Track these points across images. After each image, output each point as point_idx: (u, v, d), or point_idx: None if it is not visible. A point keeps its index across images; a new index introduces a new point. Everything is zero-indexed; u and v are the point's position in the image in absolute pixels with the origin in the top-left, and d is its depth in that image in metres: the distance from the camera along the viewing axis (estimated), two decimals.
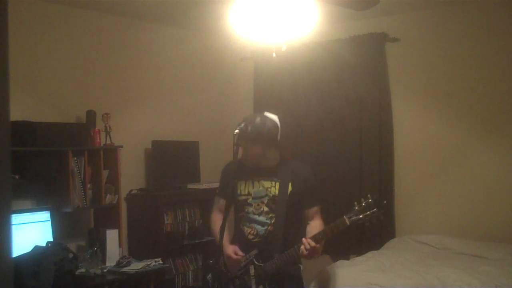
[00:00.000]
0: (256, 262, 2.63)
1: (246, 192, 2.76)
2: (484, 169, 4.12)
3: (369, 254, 3.85)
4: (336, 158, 4.68)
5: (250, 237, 2.73)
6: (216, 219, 2.87)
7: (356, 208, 2.44)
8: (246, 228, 2.75)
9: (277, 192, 2.71)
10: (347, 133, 4.64)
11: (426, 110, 4.39)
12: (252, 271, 2.62)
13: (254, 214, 2.73)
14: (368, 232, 4.38)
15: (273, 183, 2.73)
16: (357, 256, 3.93)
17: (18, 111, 3.56)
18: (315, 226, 2.73)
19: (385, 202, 2.38)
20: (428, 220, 4.34)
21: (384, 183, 4.49)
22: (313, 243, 2.50)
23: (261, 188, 2.73)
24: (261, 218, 2.72)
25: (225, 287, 2.72)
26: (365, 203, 2.44)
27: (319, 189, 2.91)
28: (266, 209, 2.72)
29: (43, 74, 3.96)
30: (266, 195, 2.72)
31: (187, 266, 4.73)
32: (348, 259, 3.96)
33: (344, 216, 2.46)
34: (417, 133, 4.44)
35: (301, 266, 2.80)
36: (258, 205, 2.74)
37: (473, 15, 4.15)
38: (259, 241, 2.71)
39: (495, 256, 3.57)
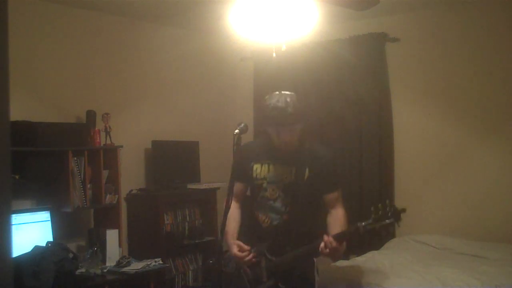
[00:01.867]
0: (268, 256, 2.52)
1: (262, 176, 2.64)
2: (484, 169, 4.12)
3: (369, 254, 3.85)
4: (336, 158, 4.67)
5: (264, 225, 2.62)
6: (233, 208, 2.57)
7: (373, 216, 2.30)
8: (260, 215, 2.63)
9: (293, 177, 2.58)
10: (347, 133, 4.64)
11: (426, 110, 4.39)
12: (263, 263, 2.51)
13: (269, 199, 2.61)
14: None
15: (290, 168, 2.59)
16: (357, 256, 3.93)
17: (18, 111, 3.56)
18: (337, 217, 2.59)
19: (404, 210, 2.26)
20: (428, 220, 4.34)
21: (384, 183, 4.49)
22: (334, 243, 2.36)
23: (276, 172, 2.59)
24: (277, 205, 2.60)
25: (236, 276, 2.59)
26: (381, 210, 2.28)
27: (340, 173, 2.74)
28: (282, 194, 2.59)
29: (43, 74, 3.96)
30: (282, 180, 2.59)
31: (187, 266, 4.73)
32: (348, 259, 3.96)
33: (358, 223, 2.32)
34: (417, 133, 4.44)
35: (315, 260, 2.66)
36: (273, 190, 2.61)
37: (473, 15, 4.15)
38: (272, 230, 2.60)
39: (495, 256, 3.57)
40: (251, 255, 2.55)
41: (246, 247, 2.56)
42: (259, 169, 2.65)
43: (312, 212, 2.66)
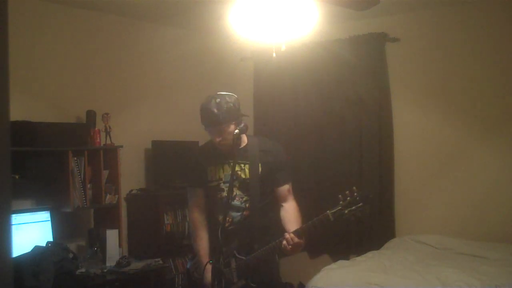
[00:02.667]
0: (237, 255, 2.54)
1: (218, 177, 2.68)
2: (484, 169, 4.12)
3: (369, 254, 3.85)
4: (336, 158, 4.68)
5: (227, 224, 2.61)
6: (197, 220, 2.76)
7: (341, 202, 2.30)
8: (221, 216, 2.62)
9: (247, 174, 2.63)
10: (347, 133, 4.64)
11: (426, 110, 4.39)
12: (233, 264, 2.53)
13: (227, 198, 2.62)
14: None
15: (243, 165, 2.64)
16: (357, 256, 3.93)
17: (18, 111, 3.56)
18: (290, 210, 2.66)
19: (370, 196, 2.30)
20: (428, 220, 4.34)
21: (384, 183, 4.49)
22: (296, 239, 2.41)
23: (230, 172, 2.60)
24: (236, 203, 2.63)
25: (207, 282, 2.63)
26: (350, 197, 2.29)
27: (289, 166, 2.80)
28: (239, 192, 2.64)
29: (43, 74, 3.96)
30: (237, 178, 2.63)
31: (187, 266, 4.73)
32: (348, 259, 3.96)
33: (328, 212, 2.33)
34: (417, 133, 4.44)
35: (277, 258, 2.73)
36: (230, 189, 2.61)
37: (473, 15, 4.15)
38: (235, 228, 2.62)
39: (495, 256, 3.57)
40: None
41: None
42: (213, 171, 2.69)
43: (271, 205, 2.70)
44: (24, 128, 3.50)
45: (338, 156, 4.67)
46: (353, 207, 2.28)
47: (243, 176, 2.64)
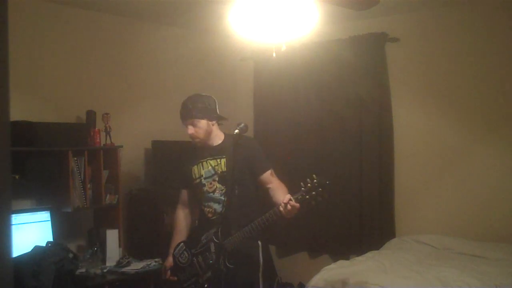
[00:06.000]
0: (215, 240, 2.75)
1: (199, 175, 2.95)
2: (484, 169, 4.12)
3: (369, 254, 3.85)
4: (336, 158, 4.68)
5: (209, 215, 2.91)
6: (178, 215, 3.14)
7: (303, 189, 2.53)
8: (205, 208, 2.93)
9: (224, 168, 2.88)
10: (347, 133, 4.64)
11: (426, 110, 4.39)
12: (212, 248, 2.76)
13: (208, 192, 2.92)
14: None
15: (219, 160, 2.91)
16: (357, 256, 3.93)
17: (18, 111, 3.56)
18: (276, 187, 2.85)
19: (328, 182, 2.51)
20: (428, 220, 4.34)
21: (384, 183, 4.49)
22: (292, 202, 2.54)
23: (209, 167, 2.92)
24: (216, 195, 2.90)
25: (189, 263, 2.88)
26: (310, 183, 2.51)
27: (266, 155, 3.03)
28: (218, 185, 2.90)
29: (43, 74, 3.96)
30: (215, 173, 2.91)
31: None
32: (348, 259, 3.96)
33: (292, 196, 2.54)
34: (417, 133, 4.44)
35: (260, 243, 2.90)
36: (210, 183, 2.92)
37: (473, 15, 4.15)
38: (217, 218, 2.87)
39: (495, 256, 3.57)
40: (168, 274, 3.00)
41: (171, 275, 2.99)
42: (196, 170, 2.98)
43: (249, 195, 2.89)
44: (24, 128, 3.50)
45: (338, 156, 4.66)
46: (313, 192, 2.49)
47: (219, 170, 2.90)
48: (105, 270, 3.75)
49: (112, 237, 3.99)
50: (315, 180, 2.52)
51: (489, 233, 3.99)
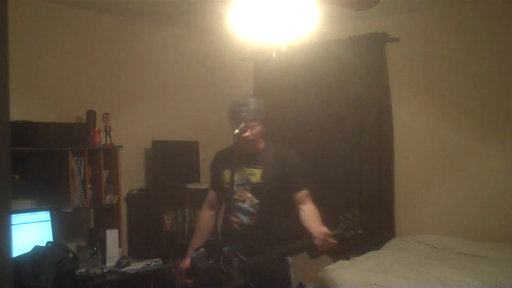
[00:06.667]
0: (239, 255, 2.59)
1: (230, 181, 2.72)
2: (484, 169, 4.12)
3: (369, 254, 3.85)
4: (336, 158, 4.68)
5: (235, 225, 2.73)
6: (203, 216, 3.01)
7: (341, 224, 2.42)
8: (231, 217, 2.75)
9: (259, 179, 2.71)
10: (347, 133, 4.64)
11: (426, 110, 4.39)
12: (235, 263, 2.58)
13: (238, 201, 2.73)
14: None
15: (255, 170, 2.73)
16: (357, 256, 3.93)
17: (18, 111, 3.56)
18: (310, 211, 2.68)
19: (369, 225, 2.37)
20: (428, 220, 4.34)
21: (384, 183, 4.49)
22: (329, 236, 2.43)
23: (243, 175, 2.73)
24: (245, 206, 2.72)
25: (207, 271, 2.69)
26: (351, 220, 2.39)
27: (306, 173, 2.91)
28: (249, 195, 2.72)
29: (43, 74, 3.96)
30: (248, 182, 2.72)
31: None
32: (348, 259, 3.96)
33: (328, 231, 2.45)
34: (417, 133, 4.44)
35: (290, 260, 2.75)
36: (241, 192, 2.73)
37: (473, 15, 4.15)
38: (243, 230, 2.71)
39: (495, 256, 3.57)
40: (183, 276, 2.83)
41: (184, 277, 2.83)
42: (228, 174, 2.75)
43: (280, 211, 2.75)
44: (24, 128, 3.50)
45: (338, 156, 4.66)
46: (353, 231, 2.37)
47: (253, 180, 2.72)
48: (105, 270, 3.75)
49: (112, 237, 3.98)
50: (356, 217, 2.38)
51: (489, 233, 3.99)
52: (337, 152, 4.67)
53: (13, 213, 3.14)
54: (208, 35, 5.06)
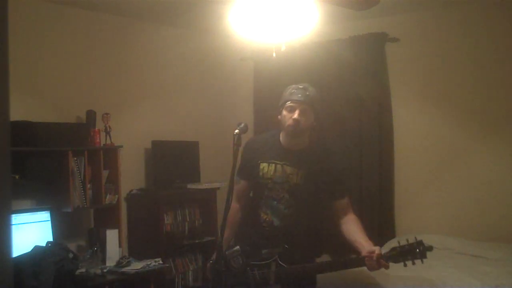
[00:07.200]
0: (280, 262, 2.46)
1: (269, 176, 2.59)
2: (484, 169, 4.12)
3: None
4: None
5: (264, 224, 2.57)
6: (232, 210, 2.58)
7: (398, 247, 2.31)
8: (263, 214, 2.58)
9: (299, 180, 2.54)
10: (347, 133, 4.64)
11: (426, 110, 4.39)
12: (273, 267, 2.45)
13: (274, 199, 2.57)
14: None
15: (297, 170, 2.55)
16: (357, 256, 3.92)
17: (18, 111, 3.56)
18: (355, 223, 2.55)
19: (431, 246, 2.30)
20: (428, 220, 4.34)
21: (384, 183, 4.49)
22: (382, 260, 2.32)
23: (283, 173, 2.55)
24: (280, 207, 2.56)
25: (242, 275, 2.50)
26: (408, 245, 2.28)
27: (349, 179, 2.76)
28: (286, 195, 2.56)
29: (43, 74, 3.96)
30: (287, 181, 2.55)
31: (187, 266, 4.73)
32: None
33: (380, 251, 2.36)
34: (417, 133, 4.44)
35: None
36: (278, 190, 2.57)
37: (473, 15, 4.15)
38: (272, 231, 2.56)
39: (495, 256, 3.57)
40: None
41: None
42: (266, 168, 2.60)
43: (315, 216, 2.63)
44: (24, 128, 3.50)
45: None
46: (408, 256, 2.26)
47: (294, 180, 2.55)
48: (105, 270, 3.75)
49: (112, 237, 3.98)
50: (414, 243, 2.25)
51: (489, 233, 3.99)
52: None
53: (13, 213, 3.14)
54: (208, 35, 5.06)
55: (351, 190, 2.72)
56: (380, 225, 4.46)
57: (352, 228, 2.54)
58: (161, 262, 4.04)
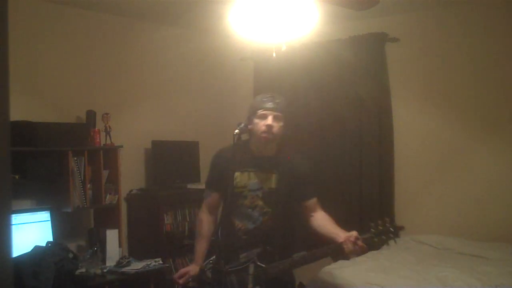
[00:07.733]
0: (258, 262, 2.48)
1: (243, 184, 2.62)
2: (484, 169, 4.12)
3: (369, 254, 3.84)
4: (336, 158, 4.67)
5: (239, 233, 2.61)
6: (204, 220, 2.77)
7: (372, 230, 2.41)
8: (237, 222, 2.62)
9: (273, 185, 2.61)
10: (347, 133, 4.64)
11: (426, 110, 4.39)
12: (251, 270, 2.47)
13: (247, 207, 2.60)
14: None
15: (270, 175, 2.61)
16: (357, 256, 3.92)
17: (18, 111, 3.56)
18: (325, 217, 2.66)
19: (401, 226, 2.44)
20: (428, 220, 4.34)
21: (384, 183, 4.49)
22: (361, 243, 2.42)
23: (257, 180, 2.60)
24: (254, 214, 2.61)
25: (220, 282, 2.55)
26: (381, 226, 2.39)
27: (316, 180, 2.87)
28: (260, 203, 2.61)
29: (43, 74, 3.96)
30: (262, 187, 2.60)
31: (187, 266, 4.72)
32: (348, 259, 3.95)
33: (357, 234, 2.44)
34: (417, 133, 4.44)
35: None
36: (252, 198, 2.61)
37: (473, 15, 4.15)
38: (248, 238, 2.60)
39: (495, 256, 3.57)
40: (188, 282, 2.71)
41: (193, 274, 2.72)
42: (239, 177, 2.63)
43: (290, 216, 2.71)
44: (24, 128, 3.50)
45: (338, 156, 4.66)
46: (383, 236, 2.38)
47: (267, 186, 2.61)
48: (105, 270, 3.75)
49: (112, 237, 3.99)
50: (387, 224, 2.38)
51: (489, 233, 3.99)
52: (337, 152, 4.67)
53: (13, 213, 3.14)
54: (208, 35, 5.06)
55: (318, 191, 2.80)
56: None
57: (325, 222, 2.65)
58: (161, 262, 4.04)
